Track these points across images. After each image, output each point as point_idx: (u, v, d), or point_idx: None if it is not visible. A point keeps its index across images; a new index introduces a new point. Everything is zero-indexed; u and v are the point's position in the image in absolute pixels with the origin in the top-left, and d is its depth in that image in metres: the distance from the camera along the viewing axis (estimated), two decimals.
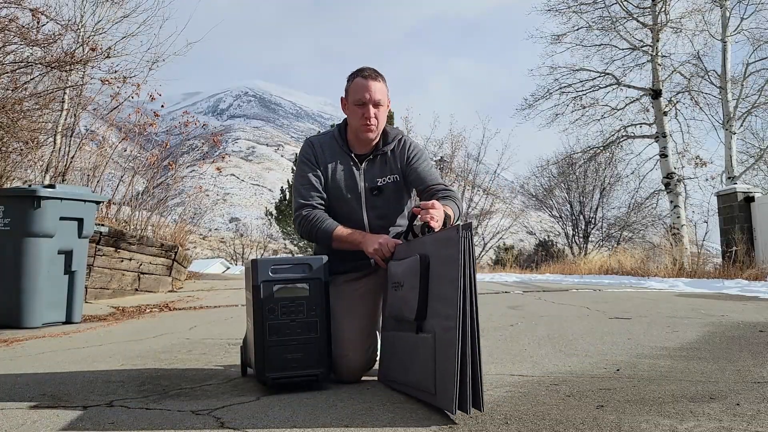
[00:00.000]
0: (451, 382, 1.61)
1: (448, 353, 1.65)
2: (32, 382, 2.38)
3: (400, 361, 2.00)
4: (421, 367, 1.81)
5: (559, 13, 16.72)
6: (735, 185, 11.16)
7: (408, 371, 1.92)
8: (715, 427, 1.53)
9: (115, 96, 8.56)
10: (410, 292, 1.88)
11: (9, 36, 6.27)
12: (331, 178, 2.42)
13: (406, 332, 1.94)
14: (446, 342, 1.67)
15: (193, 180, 13.11)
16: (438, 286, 1.78)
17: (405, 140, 2.51)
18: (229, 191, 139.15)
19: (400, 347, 2.01)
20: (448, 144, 21.87)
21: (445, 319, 1.70)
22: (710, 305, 5.09)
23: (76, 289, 4.65)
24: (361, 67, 2.42)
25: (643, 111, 17.29)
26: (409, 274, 1.92)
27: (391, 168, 2.45)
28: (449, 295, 1.68)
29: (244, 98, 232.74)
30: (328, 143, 2.47)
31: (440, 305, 1.74)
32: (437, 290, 1.78)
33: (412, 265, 1.91)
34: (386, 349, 2.16)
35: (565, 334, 3.33)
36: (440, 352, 1.70)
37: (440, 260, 1.78)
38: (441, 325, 1.71)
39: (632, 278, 10.50)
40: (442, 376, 1.68)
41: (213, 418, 1.76)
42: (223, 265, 35.02)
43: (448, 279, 1.70)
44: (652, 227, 21.52)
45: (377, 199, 2.42)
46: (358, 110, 2.36)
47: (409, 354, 1.91)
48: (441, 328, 1.71)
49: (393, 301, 2.06)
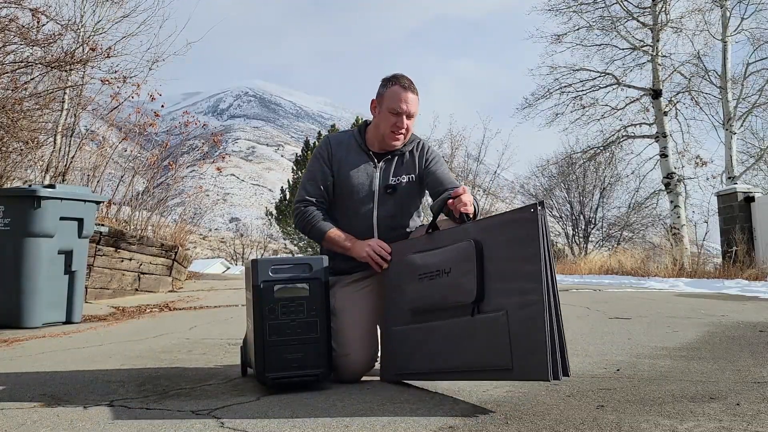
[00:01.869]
0: (542, 353, 1.70)
1: (531, 326, 1.73)
2: (32, 382, 2.38)
3: (433, 351, 1.99)
4: (482, 348, 1.85)
5: (559, 13, 16.72)
6: (735, 185, 11.16)
7: (453, 356, 1.94)
8: (715, 427, 1.53)
9: (115, 96, 8.56)
10: (464, 277, 1.90)
11: (9, 36, 6.27)
12: (346, 175, 2.44)
13: (448, 319, 1.95)
14: (526, 316, 1.75)
15: (193, 180, 13.13)
16: (502, 266, 1.85)
17: (423, 143, 2.56)
18: (229, 191, 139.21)
19: (437, 336, 1.99)
20: (447, 144, 21.86)
21: (520, 294, 1.77)
22: (710, 305, 5.09)
23: (76, 289, 4.65)
24: (398, 75, 2.44)
25: (643, 111, 17.28)
26: (459, 260, 1.93)
27: (408, 168, 2.48)
28: (526, 270, 1.76)
29: (244, 98, 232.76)
30: (346, 141, 2.51)
31: (508, 284, 1.82)
32: (499, 271, 1.85)
33: (461, 252, 1.93)
34: (401, 343, 2.12)
35: (565, 334, 3.32)
36: (520, 327, 1.76)
37: (504, 242, 1.86)
38: (515, 302, 1.78)
39: (632, 278, 10.50)
40: (525, 350, 1.74)
41: (213, 418, 1.76)
42: (223, 265, 35.06)
43: (519, 257, 1.79)
44: (652, 227, 21.52)
45: (390, 197, 2.45)
46: (392, 118, 2.39)
47: (455, 339, 1.94)
48: (516, 305, 1.78)
49: (426, 291, 2.02)
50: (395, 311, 2.17)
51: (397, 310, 2.16)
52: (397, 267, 2.20)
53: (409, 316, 2.10)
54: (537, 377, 1.73)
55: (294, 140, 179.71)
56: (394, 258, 2.23)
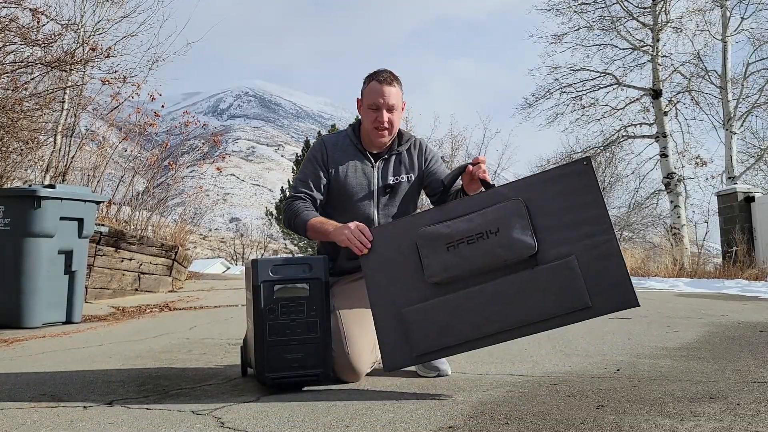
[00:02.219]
0: (627, 283, 1.92)
1: (610, 263, 1.93)
2: (32, 382, 2.38)
3: (479, 315, 1.97)
4: (550, 296, 1.94)
5: (559, 13, 16.73)
6: (735, 185, 11.16)
7: (510, 314, 1.96)
8: (715, 427, 1.53)
9: (115, 96, 8.57)
10: (520, 233, 1.97)
11: (9, 36, 6.27)
12: (344, 176, 2.43)
13: (499, 278, 1.98)
14: (600, 255, 1.93)
15: (193, 180, 13.14)
16: (558, 217, 1.98)
17: (421, 143, 2.55)
18: (229, 191, 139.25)
19: (483, 299, 1.98)
20: (448, 144, 21.87)
21: (588, 237, 1.94)
22: (710, 305, 5.09)
23: (76, 289, 4.65)
24: (377, 70, 2.44)
25: (643, 111, 17.29)
26: (509, 217, 1.98)
27: (406, 168, 2.48)
28: (591, 214, 1.96)
29: (244, 98, 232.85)
30: (341, 142, 2.50)
31: (569, 232, 1.96)
32: (555, 222, 1.98)
33: (509, 210, 1.99)
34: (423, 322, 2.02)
35: (565, 334, 3.32)
36: (595, 266, 1.93)
37: (555, 194, 1.99)
38: (584, 245, 1.94)
39: (632, 278, 10.48)
40: (606, 285, 1.92)
41: (213, 418, 1.76)
42: (224, 265, 35.05)
43: (579, 205, 1.97)
44: (652, 227, 21.52)
45: (389, 197, 2.45)
46: (372, 114, 2.39)
47: (513, 296, 1.96)
48: (585, 248, 1.94)
49: (462, 257, 1.99)
50: (404, 292, 2.06)
51: (407, 290, 2.06)
52: (402, 245, 2.08)
53: (429, 291, 2.03)
54: (626, 306, 1.93)
55: (294, 140, 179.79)
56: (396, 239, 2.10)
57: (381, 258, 2.11)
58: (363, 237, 2.13)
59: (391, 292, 2.08)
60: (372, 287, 2.10)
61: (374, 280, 2.10)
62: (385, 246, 2.11)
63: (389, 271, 2.09)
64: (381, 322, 2.07)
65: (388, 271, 2.09)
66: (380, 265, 2.10)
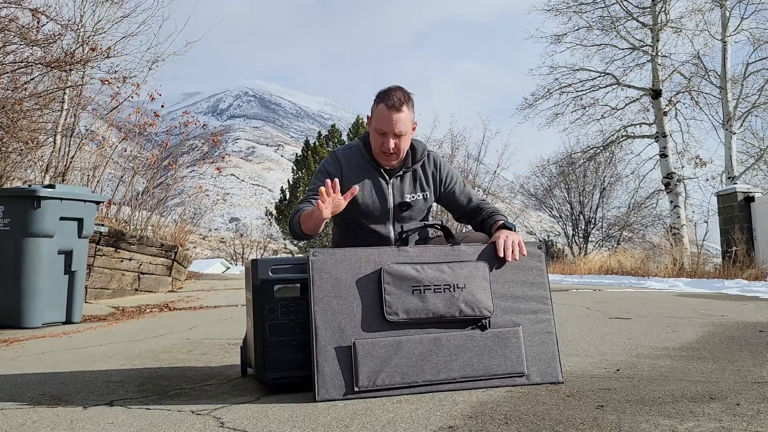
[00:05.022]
0: (555, 360, 2.11)
1: (546, 339, 2.13)
2: (32, 382, 2.38)
3: (423, 361, 1.99)
4: (493, 358, 2.06)
5: (559, 13, 16.74)
6: (735, 185, 11.16)
7: (451, 366, 2.02)
8: (715, 427, 1.53)
9: (115, 96, 8.57)
10: (482, 294, 2.10)
11: (9, 36, 6.27)
12: (360, 194, 2.38)
13: (450, 330, 2.05)
14: (540, 331, 2.14)
15: (193, 180, 13.13)
16: (510, 288, 2.16)
17: (435, 158, 2.51)
18: (229, 191, 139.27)
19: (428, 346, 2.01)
20: (448, 144, 21.85)
21: (532, 313, 2.15)
22: (710, 305, 5.09)
23: (76, 289, 4.65)
24: (389, 91, 2.35)
25: (643, 111, 17.31)
26: (476, 277, 2.11)
27: (422, 185, 2.47)
28: (537, 294, 2.18)
29: (244, 98, 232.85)
30: (354, 157, 2.45)
31: (519, 303, 2.15)
32: (508, 291, 2.16)
33: (478, 271, 2.12)
34: (368, 355, 1.96)
35: (565, 334, 3.32)
36: (533, 340, 2.12)
37: (510, 267, 2.18)
38: (528, 318, 2.14)
39: (632, 278, 10.50)
40: (540, 358, 2.11)
41: (213, 418, 1.76)
42: (223, 265, 35.06)
43: (529, 283, 2.19)
44: (652, 227, 21.53)
45: (405, 214, 2.44)
46: (379, 138, 2.35)
47: (458, 350, 2.04)
48: (529, 321, 2.14)
49: (424, 303, 2.03)
50: (355, 323, 2.00)
51: (359, 322, 2.00)
52: (362, 275, 2.04)
53: (382, 327, 2.00)
54: (553, 380, 2.09)
55: (294, 140, 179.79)
56: (355, 266, 2.04)
57: (338, 283, 2.02)
58: (328, 188, 2.11)
59: (342, 321, 2.00)
60: (320, 310, 1.99)
61: (326, 304, 2.00)
62: (344, 271, 2.04)
63: (344, 298, 2.02)
64: (323, 349, 1.96)
65: (343, 297, 2.02)
66: (336, 290, 2.02)
